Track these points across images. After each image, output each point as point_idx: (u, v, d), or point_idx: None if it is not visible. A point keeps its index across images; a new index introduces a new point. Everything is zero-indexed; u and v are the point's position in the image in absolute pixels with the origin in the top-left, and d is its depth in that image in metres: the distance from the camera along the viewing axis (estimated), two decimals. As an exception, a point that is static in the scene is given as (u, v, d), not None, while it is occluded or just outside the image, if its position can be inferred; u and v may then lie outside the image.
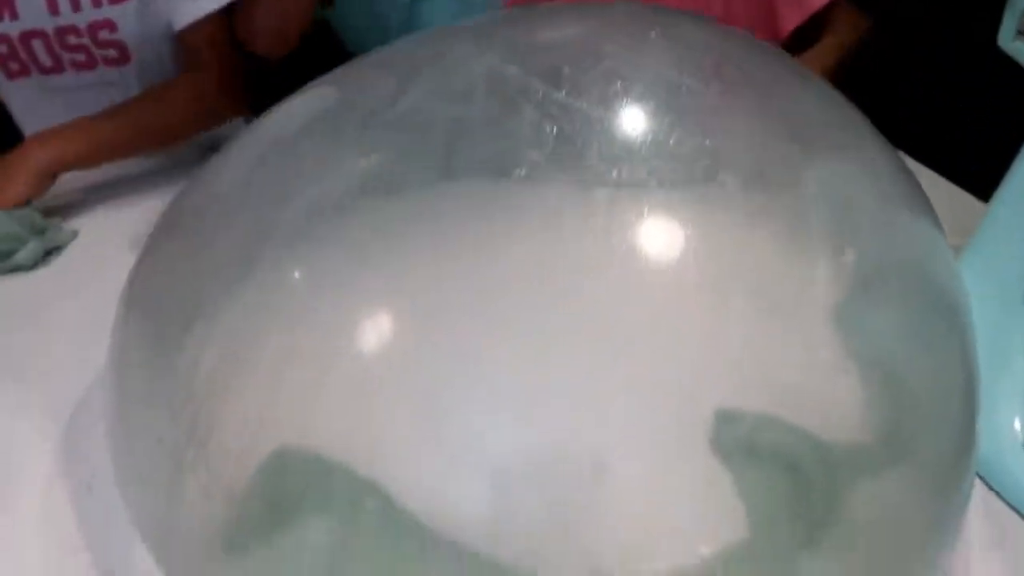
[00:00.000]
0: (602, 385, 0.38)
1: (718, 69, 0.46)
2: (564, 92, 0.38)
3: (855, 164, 0.49)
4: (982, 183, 0.60)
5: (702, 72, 0.47)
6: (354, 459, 0.38)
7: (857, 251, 0.44)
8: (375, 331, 0.41)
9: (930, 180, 0.75)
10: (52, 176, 0.78)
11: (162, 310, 0.43)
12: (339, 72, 0.48)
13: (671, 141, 0.39)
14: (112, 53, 0.90)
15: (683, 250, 0.41)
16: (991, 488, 0.50)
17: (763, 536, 0.38)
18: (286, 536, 0.38)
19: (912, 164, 0.63)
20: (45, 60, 0.89)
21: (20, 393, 0.54)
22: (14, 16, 0.85)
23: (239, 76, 0.95)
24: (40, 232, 0.73)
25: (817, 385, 0.42)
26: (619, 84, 0.39)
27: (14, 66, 0.89)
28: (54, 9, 0.85)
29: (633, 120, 0.40)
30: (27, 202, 0.75)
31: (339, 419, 0.39)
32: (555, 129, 0.37)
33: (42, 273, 0.71)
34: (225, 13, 0.91)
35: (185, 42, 0.92)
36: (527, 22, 0.50)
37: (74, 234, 0.76)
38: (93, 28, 0.87)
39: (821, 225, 0.45)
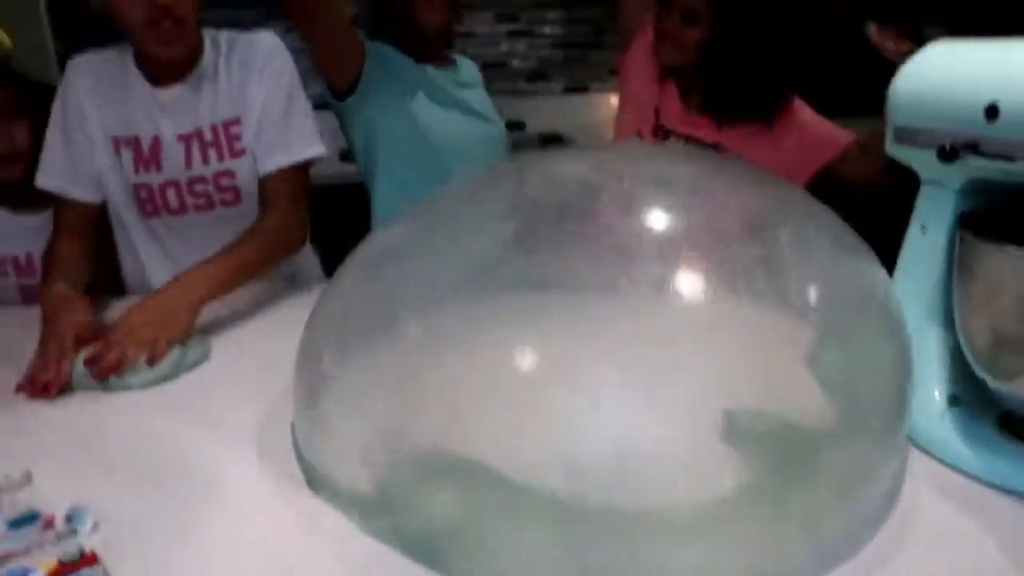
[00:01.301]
0: (643, 399, 0.60)
1: (711, 174, 0.71)
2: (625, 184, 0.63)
3: (815, 225, 0.72)
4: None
5: (699, 178, 0.72)
6: (472, 449, 0.59)
7: (821, 285, 0.66)
8: (485, 367, 0.63)
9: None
10: (200, 308, 0.98)
11: (346, 334, 0.67)
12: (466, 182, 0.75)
13: (689, 220, 0.63)
14: (228, 196, 1.14)
15: (700, 301, 0.63)
16: (923, 450, 0.69)
17: (760, 483, 0.58)
18: (430, 491, 0.58)
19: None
20: (174, 203, 1.13)
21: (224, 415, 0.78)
22: (159, 169, 1.11)
23: (307, 213, 1.17)
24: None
25: (795, 388, 0.63)
26: (646, 190, 0.64)
27: (149, 208, 1.13)
28: (189, 163, 1.11)
29: (661, 211, 0.64)
30: None
31: (463, 423, 0.61)
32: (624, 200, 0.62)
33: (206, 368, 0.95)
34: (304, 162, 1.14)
35: (267, 185, 1.13)
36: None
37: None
38: (217, 177, 1.12)
39: (794, 266, 0.67)
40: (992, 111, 0.59)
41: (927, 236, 0.70)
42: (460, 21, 1.34)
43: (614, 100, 1.42)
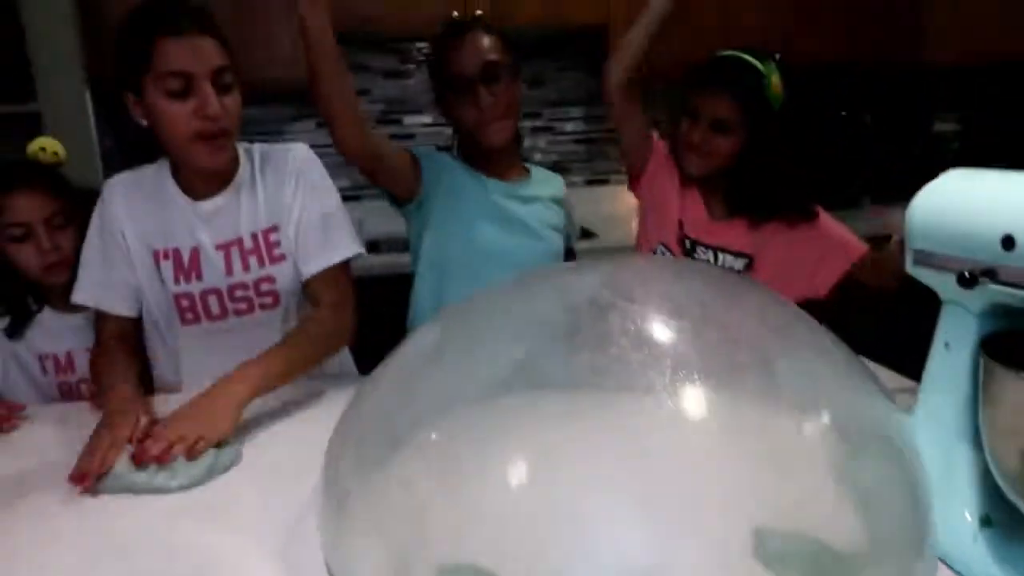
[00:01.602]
0: (671, 518, 0.61)
1: (723, 295, 0.73)
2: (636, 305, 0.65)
3: (823, 355, 0.74)
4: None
5: (712, 299, 0.74)
6: (495, 564, 0.59)
7: (835, 415, 0.68)
8: (506, 484, 0.64)
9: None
10: (242, 408, 1.01)
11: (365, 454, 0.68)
12: (484, 294, 0.77)
13: (704, 339, 0.65)
14: (268, 300, 1.18)
15: (725, 422, 0.65)
16: (957, 573, 0.68)
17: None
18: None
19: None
20: (215, 310, 1.17)
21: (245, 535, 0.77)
22: (199, 278, 1.15)
23: (353, 310, 1.21)
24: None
25: (822, 509, 0.64)
26: (667, 305, 0.66)
27: (189, 316, 1.17)
28: (230, 271, 1.15)
29: (681, 327, 0.66)
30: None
31: (487, 542, 0.62)
32: (633, 327, 0.63)
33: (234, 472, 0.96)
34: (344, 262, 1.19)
35: (312, 287, 1.19)
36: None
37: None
38: (258, 283, 1.16)
39: (806, 397, 0.69)
40: (1008, 241, 0.61)
41: (951, 353, 0.71)
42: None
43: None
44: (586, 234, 2.47)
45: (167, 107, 1.04)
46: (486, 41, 1.24)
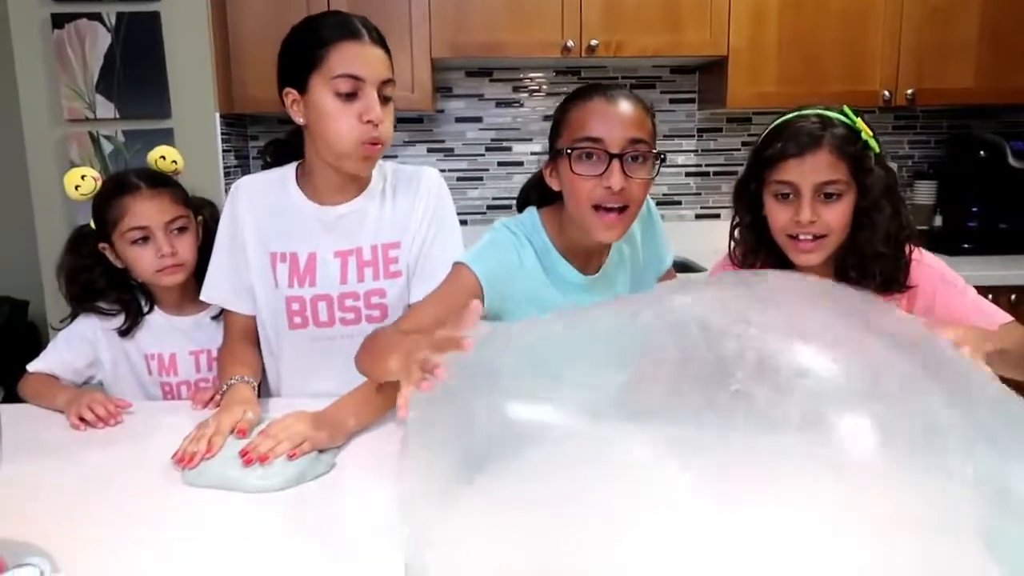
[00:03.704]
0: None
1: (858, 316, 0.65)
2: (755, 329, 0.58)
3: (980, 390, 0.64)
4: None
5: (845, 321, 0.66)
6: None
7: (983, 466, 0.58)
8: (596, 528, 0.59)
9: None
10: (351, 432, 1.03)
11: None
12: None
13: (837, 364, 0.57)
14: (375, 313, 1.17)
15: (867, 470, 0.57)
16: None
17: None
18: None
19: None
20: (323, 316, 1.17)
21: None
22: (312, 284, 1.15)
23: None
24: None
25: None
26: (794, 328, 0.59)
27: (298, 320, 1.17)
28: (344, 280, 1.15)
29: (810, 352, 0.58)
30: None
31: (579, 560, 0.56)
32: (754, 355, 0.56)
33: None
34: None
35: None
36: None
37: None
38: (368, 295, 1.16)
39: (956, 430, 0.59)
40: None
41: None
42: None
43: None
44: (693, 269, 2.38)
45: (333, 106, 1.07)
46: (638, 115, 1.05)
